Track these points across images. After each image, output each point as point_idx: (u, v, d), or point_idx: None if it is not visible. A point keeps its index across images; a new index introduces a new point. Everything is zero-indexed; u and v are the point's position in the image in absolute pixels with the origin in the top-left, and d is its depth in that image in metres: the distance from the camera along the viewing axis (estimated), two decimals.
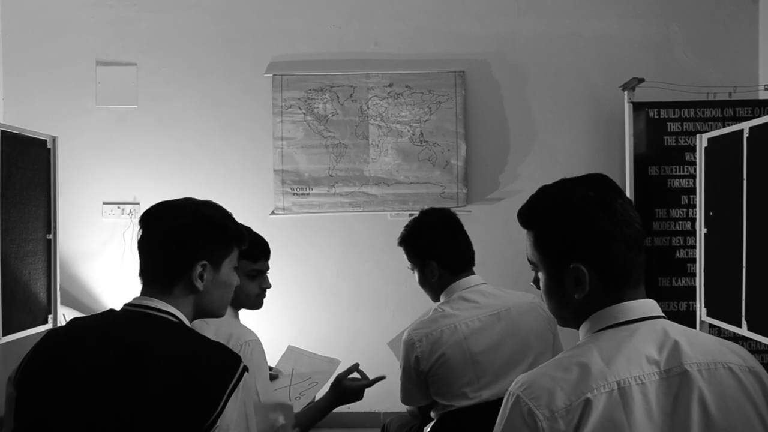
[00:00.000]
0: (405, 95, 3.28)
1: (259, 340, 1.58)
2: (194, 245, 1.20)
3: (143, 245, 1.23)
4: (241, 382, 1.10)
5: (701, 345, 0.95)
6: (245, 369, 1.13)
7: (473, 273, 1.85)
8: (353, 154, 3.30)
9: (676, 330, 0.97)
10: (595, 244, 0.98)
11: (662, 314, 1.00)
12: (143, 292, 1.21)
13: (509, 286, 1.91)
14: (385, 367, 2.10)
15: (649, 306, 0.98)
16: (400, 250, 3.21)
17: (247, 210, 3.23)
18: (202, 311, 1.25)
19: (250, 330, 1.60)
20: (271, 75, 3.34)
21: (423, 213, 1.87)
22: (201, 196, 1.26)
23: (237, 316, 1.75)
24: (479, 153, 3.36)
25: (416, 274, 1.89)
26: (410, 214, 3.25)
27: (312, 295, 3.39)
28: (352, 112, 3.31)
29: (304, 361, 1.97)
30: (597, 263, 0.98)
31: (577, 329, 1.03)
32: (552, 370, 0.94)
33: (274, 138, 3.31)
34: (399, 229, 3.29)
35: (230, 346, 1.41)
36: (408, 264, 1.91)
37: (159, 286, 1.19)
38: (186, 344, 1.13)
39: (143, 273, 1.23)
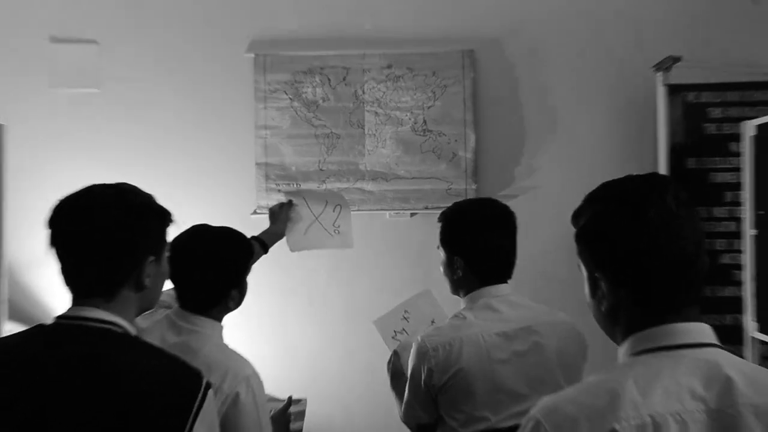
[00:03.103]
0: (406, 78, 3.10)
1: (257, 372, 1.52)
2: (143, 240, 1.15)
3: (69, 248, 1.13)
4: (206, 403, 1.06)
5: (760, 383, 0.89)
6: (209, 386, 1.08)
7: (505, 283, 1.74)
8: (347, 145, 3.12)
9: (731, 363, 0.91)
10: (612, 257, 0.96)
11: (716, 342, 0.93)
12: (77, 302, 1.14)
13: (527, 294, 1.76)
14: (384, 388, 1.93)
15: (700, 331, 0.93)
16: (402, 254, 3.10)
17: (226, 209, 3.04)
18: (140, 310, 1.22)
19: (245, 360, 1.53)
20: (252, 55, 3.12)
21: (474, 201, 1.79)
22: (173, 193, 1.14)
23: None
24: (491, 144, 3.16)
25: (441, 255, 1.79)
26: (412, 214, 3.08)
27: (299, 307, 3.18)
28: (345, 97, 3.12)
29: (314, 196, 2.18)
30: (618, 276, 0.96)
31: (617, 344, 0.99)
32: (580, 395, 0.91)
33: (257, 127, 3.11)
34: (399, 231, 3.14)
35: (227, 383, 1.42)
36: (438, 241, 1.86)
37: (99, 292, 1.13)
38: (136, 361, 1.06)
39: (74, 279, 1.14)
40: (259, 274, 1.66)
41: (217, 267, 1.56)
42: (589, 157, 3.16)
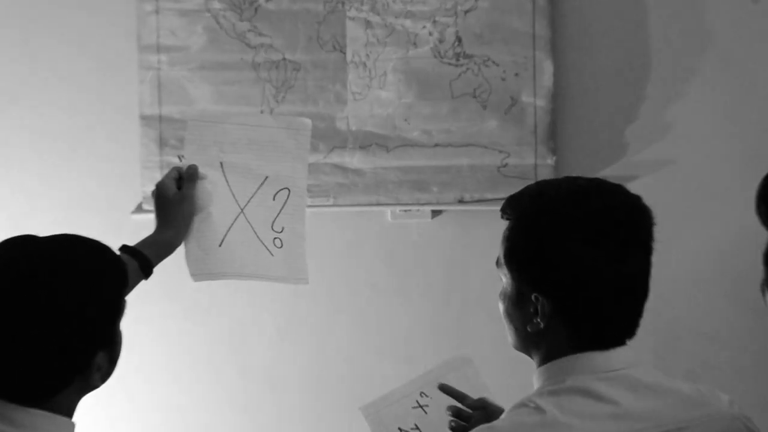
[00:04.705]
0: None
1: None
2: None
3: None
4: None
5: None
6: None
7: (624, 345, 1.55)
8: (313, 84, 2.78)
9: None
10: None
11: None
12: None
13: (653, 364, 1.46)
14: None
15: None
16: (415, 283, 3.17)
17: (85, 203, 2.77)
18: None
19: None
20: None
21: (578, 183, 1.55)
22: None
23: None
24: (582, 81, 2.84)
25: (504, 282, 1.59)
26: (434, 212, 2.91)
27: (226, 380, 2.86)
28: None
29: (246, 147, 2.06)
30: None
31: None
32: None
33: (141, 48, 2.80)
34: (411, 242, 3.10)
35: None
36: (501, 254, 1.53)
37: None
38: None
39: None
40: (154, 331, 1.55)
41: (62, 316, 1.42)
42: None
